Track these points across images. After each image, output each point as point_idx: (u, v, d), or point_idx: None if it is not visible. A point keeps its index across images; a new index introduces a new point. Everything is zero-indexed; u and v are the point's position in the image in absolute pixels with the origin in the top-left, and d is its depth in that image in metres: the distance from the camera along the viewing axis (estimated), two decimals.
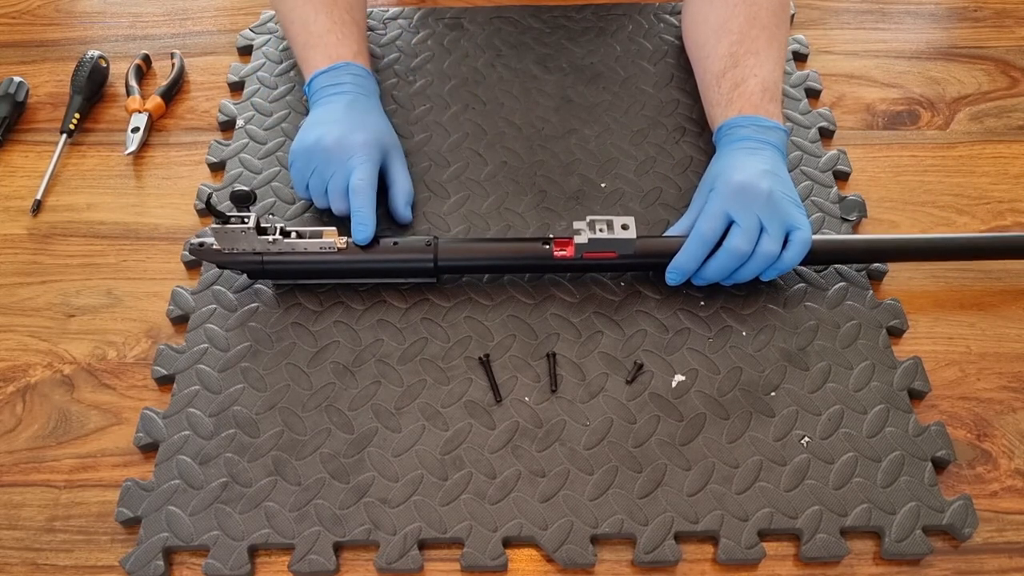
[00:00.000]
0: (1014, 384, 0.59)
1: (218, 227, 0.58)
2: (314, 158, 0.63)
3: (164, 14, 0.87)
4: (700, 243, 0.58)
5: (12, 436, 0.57)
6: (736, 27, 0.67)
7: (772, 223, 0.57)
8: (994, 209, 0.70)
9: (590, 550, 0.51)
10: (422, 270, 0.60)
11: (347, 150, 0.62)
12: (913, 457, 0.54)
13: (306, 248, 0.59)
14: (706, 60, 0.69)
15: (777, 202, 0.58)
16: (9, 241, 0.68)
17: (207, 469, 0.54)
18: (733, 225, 0.58)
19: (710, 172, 0.63)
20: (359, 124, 0.64)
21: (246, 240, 0.58)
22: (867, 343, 0.60)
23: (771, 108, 0.63)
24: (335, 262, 0.60)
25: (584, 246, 0.59)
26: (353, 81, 0.67)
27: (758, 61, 0.65)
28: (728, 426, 0.55)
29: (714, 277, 0.60)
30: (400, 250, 0.60)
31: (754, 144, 0.61)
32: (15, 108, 0.75)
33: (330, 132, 0.62)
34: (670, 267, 0.60)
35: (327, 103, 0.65)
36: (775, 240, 0.57)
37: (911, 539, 0.51)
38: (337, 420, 0.56)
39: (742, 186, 0.58)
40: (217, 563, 0.50)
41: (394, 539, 0.51)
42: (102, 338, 0.61)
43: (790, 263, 0.58)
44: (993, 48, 0.83)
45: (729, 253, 0.57)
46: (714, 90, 0.67)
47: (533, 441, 0.55)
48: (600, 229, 0.59)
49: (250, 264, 0.60)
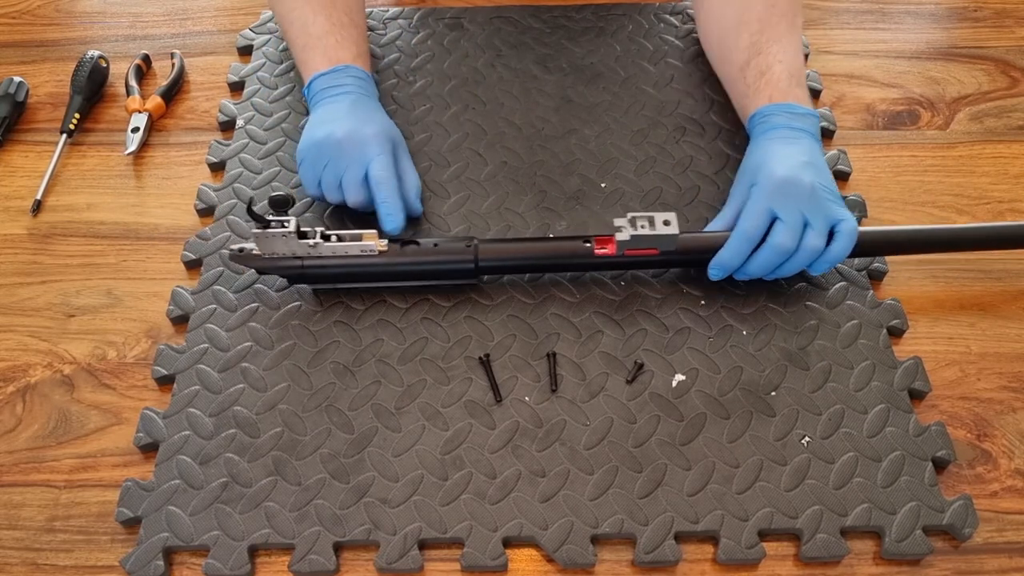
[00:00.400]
0: (1014, 384, 0.59)
1: (259, 232, 0.57)
2: (325, 153, 0.62)
3: (164, 14, 0.87)
4: (744, 240, 0.58)
5: (12, 436, 0.57)
6: (755, 17, 0.67)
7: (816, 218, 0.57)
8: (994, 209, 0.70)
9: (590, 550, 0.51)
10: (462, 271, 0.60)
11: (360, 142, 0.62)
12: (913, 457, 0.54)
13: (346, 251, 0.59)
14: (728, 54, 0.69)
15: (820, 197, 0.58)
16: (9, 241, 0.68)
17: (207, 469, 0.54)
18: (777, 221, 0.57)
19: (748, 163, 0.62)
20: (367, 119, 0.64)
21: (286, 244, 0.58)
22: (867, 343, 0.60)
23: (799, 93, 0.64)
24: (375, 265, 0.59)
25: (626, 243, 0.58)
26: (354, 84, 0.67)
27: (781, 48, 0.65)
28: (728, 426, 0.55)
29: (758, 273, 0.59)
30: (440, 252, 0.60)
31: (790, 133, 0.61)
32: (15, 108, 0.75)
33: (340, 127, 0.62)
34: (713, 263, 0.59)
35: (331, 103, 0.65)
36: (820, 235, 0.57)
37: (911, 539, 0.51)
38: (337, 420, 0.56)
39: (785, 181, 0.58)
40: (217, 563, 0.50)
41: (394, 539, 0.51)
42: (102, 338, 0.61)
43: (840, 255, 0.58)
44: (993, 48, 0.83)
45: (774, 249, 0.57)
46: (740, 81, 0.67)
47: (533, 441, 0.55)
48: (641, 225, 0.58)
49: (290, 269, 0.59)
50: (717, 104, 0.75)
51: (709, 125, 0.73)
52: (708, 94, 0.76)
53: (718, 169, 0.70)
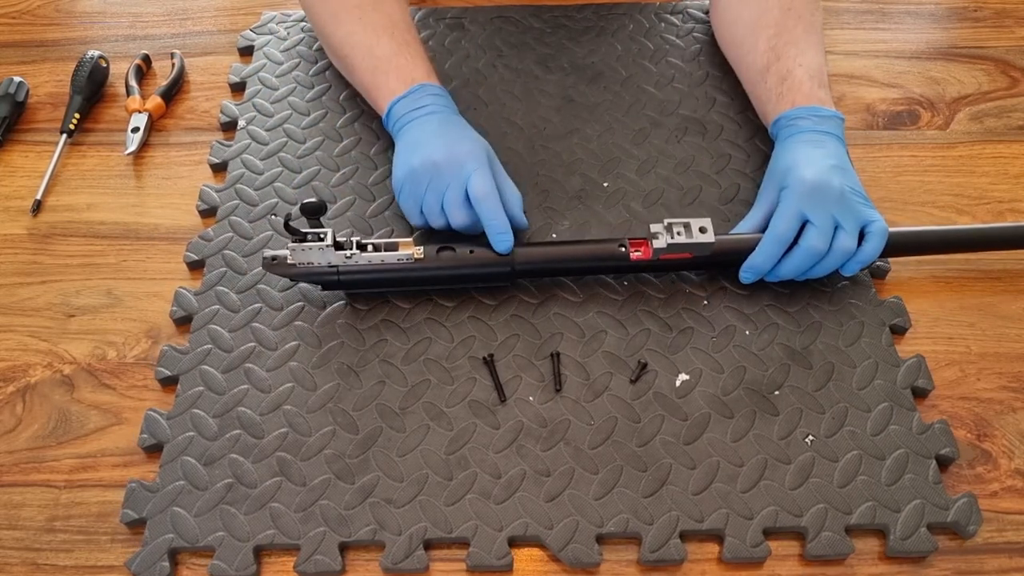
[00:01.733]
0: (1014, 384, 0.59)
1: (296, 246, 0.57)
2: (423, 177, 0.60)
3: (164, 14, 0.86)
4: (776, 243, 0.58)
5: (12, 436, 0.56)
6: (772, 20, 0.67)
7: (847, 220, 0.58)
8: (994, 209, 0.70)
9: (595, 549, 0.51)
10: (499, 275, 0.60)
11: (457, 161, 0.60)
12: (917, 455, 0.54)
13: (383, 260, 0.58)
14: (747, 57, 0.69)
15: (849, 199, 0.58)
16: (9, 241, 0.67)
17: (212, 470, 0.53)
18: (808, 224, 0.58)
19: (775, 167, 0.63)
20: (459, 136, 0.63)
21: (322, 255, 0.57)
22: (870, 341, 0.60)
23: (822, 95, 0.64)
24: (412, 270, 0.59)
25: (662, 250, 0.59)
26: (435, 101, 0.65)
27: (800, 51, 0.65)
28: (732, 425, 0.56)
29: (789, 275, 0.60)
30: (477, 258, 0.59)
31: (816, 136, 0.62)
32: (15, 108, 0.75)
33: (435, 149, 0.60)
34: (745, 266, 0.60)
35: (417, 125, 0.63)
36: (851, 236, 0.58)
37: (916, 536, 0.51)
38: (342, 420, 0.56)
39: (815, 184, 0.58)
40: (222, 564, 0.50)
41: (400, 539, 0.51)
42: (102, 338, 0.61)
43: (872, 255, 0.59)
44: (993, 48, 0.83)
45: (806, 252, 0.58)
46: (761, 86, 0.67)
47: (537, 441, 0.55)
48: (678, 232, 0.59)
49: (326, 278, 0.59)
50: (718, 103, 0.75)
51: (710, 124, 0.74)
52: (709, 93, 0.76)
53: (720, 169, 0.70)
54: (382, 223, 0.67)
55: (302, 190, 0.69)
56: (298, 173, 0.70)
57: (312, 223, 0.57)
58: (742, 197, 0.68)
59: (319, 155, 0.71)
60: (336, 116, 0.74)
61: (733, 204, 0.68)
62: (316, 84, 0.77)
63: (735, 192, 0.69)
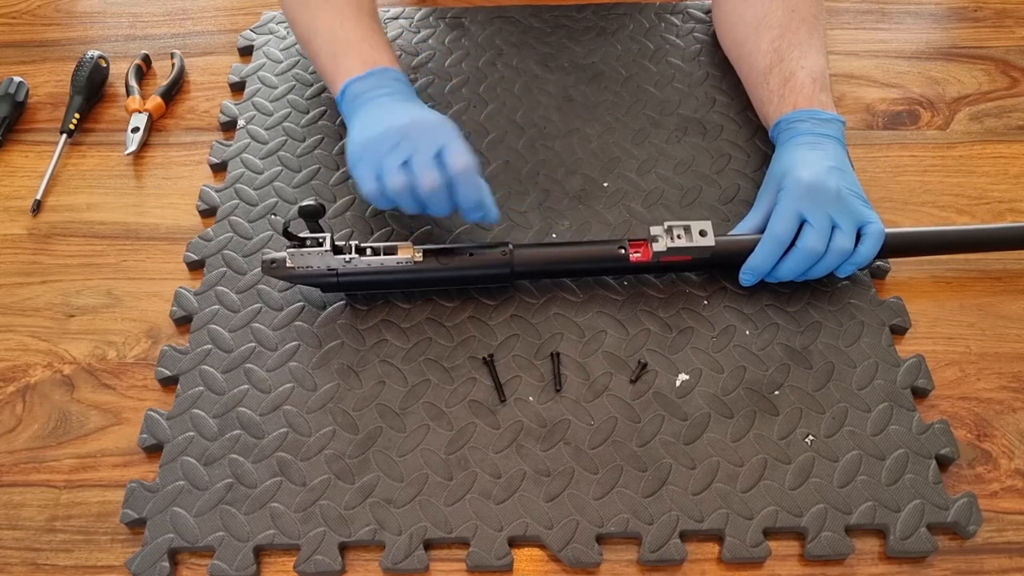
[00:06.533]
0: (1014, 384, 0.59)
1: (294, 251, 0.57)
2: (384, 143, 0.56)
3: (164, 14, 0.86)
4: (775, 244, 0.58)
5: (12, 436, 0.56)
6: (776, 22, 0.67)
7: (844, 220, 0.58)
8: (994, 209, 0.70)
9: (595, 549, 0.51)
10: (498, 276, 0.60)
11: (428, 127, 0.57)
12: (917, 455, 0.54)
13: (382, 264, 0.59)
14: (749, 57, 0.69)
15: (846, 199, 0.58)
16: (9, 241, 0.67)
17: (212, 470, 0.53)
18: (806, 225, 0.58)
19: (775, 169, 0.63)
20: (426, 111, 0.60)
21: (321, 259, 0.58)
22: (870, 341, 0.60)
23: (824, 98, 0.64)
24: (411, 271, 0.59)
25: (662, 253, 0.59)
26: (397, 86, 0.62)
27: (802, 53, 0.65)
28: (732, 425, 0.55)
29: (788, 276, 0.60)
30: (476, 259, 0.59)
31: (815, 138, 0.62)
32: (15, 108, 0.75)
33: (398, 118, 0.57)
34: (744, 268, 0.60)
35: (377, 105, 0.60)
36: (848, 236, 0.58)
37: (916, 536, 0.51)
38: (342, 421, 0.56)
39: (812, 186, 0.58)
40: (222, 564, 0.50)
41: (400, 539, 0.51)
42: (102, 338, 0.61)
43: (868, 256, 0.59)
44: (993, 48, 0.83)
45: (803, 252, 0.58)
46: (763, 88, 0.67)
47: (537, 441, 0.55)
48: (678, 235, 0.59)
49: (325, 280, 0.59)
50: (718, 103, 0.75)
51: (710, 124, 0.74)
52: (709, 93, 0.76)
53: (720, 169, 0.70)
54: (382, 223, 0.67)
55: (302, 189, 0.69)
56: (298, 172, 0.70)
57: (311, 227, 0.57)
58: (742, 197, 0.68)
59: (319, 154, 0.71)
60: (335, 115, 0.74)
61: (733, 204, 0.68)
62: (315, 83, 0.77)
63: (735, 192, 0.69)
